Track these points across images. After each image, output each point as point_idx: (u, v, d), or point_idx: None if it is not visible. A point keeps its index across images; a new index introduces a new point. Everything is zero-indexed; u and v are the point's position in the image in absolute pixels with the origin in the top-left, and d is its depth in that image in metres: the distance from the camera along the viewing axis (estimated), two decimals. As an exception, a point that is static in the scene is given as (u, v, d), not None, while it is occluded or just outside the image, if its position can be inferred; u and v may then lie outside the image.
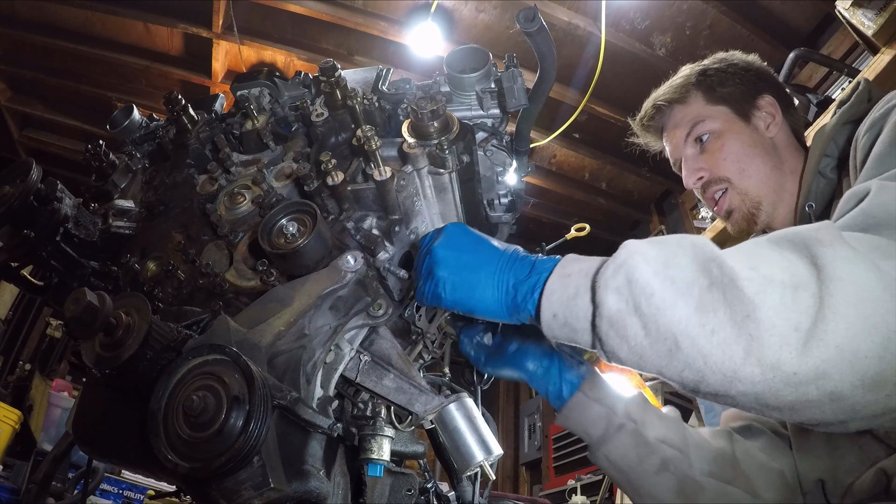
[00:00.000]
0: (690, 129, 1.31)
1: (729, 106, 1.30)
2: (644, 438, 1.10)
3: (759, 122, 1.28)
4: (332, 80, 1.09)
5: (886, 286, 0.63)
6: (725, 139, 1.27)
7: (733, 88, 1.30)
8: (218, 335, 0.81)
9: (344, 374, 0.97)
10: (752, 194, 1.24)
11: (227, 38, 4.19)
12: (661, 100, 1.37)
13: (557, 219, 5.53)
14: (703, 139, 1.29)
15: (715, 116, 1.29)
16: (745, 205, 1.26)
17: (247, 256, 1.01)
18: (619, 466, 1.11)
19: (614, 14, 3.81)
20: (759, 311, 0.64)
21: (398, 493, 1.00)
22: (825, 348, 0.61)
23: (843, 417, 0.65)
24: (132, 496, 3.45)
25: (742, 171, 1.25)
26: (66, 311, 0.74)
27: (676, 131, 1.35)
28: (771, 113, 1.29)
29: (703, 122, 1.29)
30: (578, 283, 0.79)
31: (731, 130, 1.27)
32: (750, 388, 0.65)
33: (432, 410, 0.91)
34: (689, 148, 1.32)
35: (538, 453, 6.44)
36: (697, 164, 1.30)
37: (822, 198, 1.14)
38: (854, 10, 2.35)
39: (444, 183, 1.08)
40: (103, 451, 0.97)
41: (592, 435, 1.12)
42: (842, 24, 2.65)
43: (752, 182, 1.24)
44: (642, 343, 0.70)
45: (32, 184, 1.06)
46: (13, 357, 5.14)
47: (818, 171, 1.13)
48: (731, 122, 1.28)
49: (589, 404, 1.11)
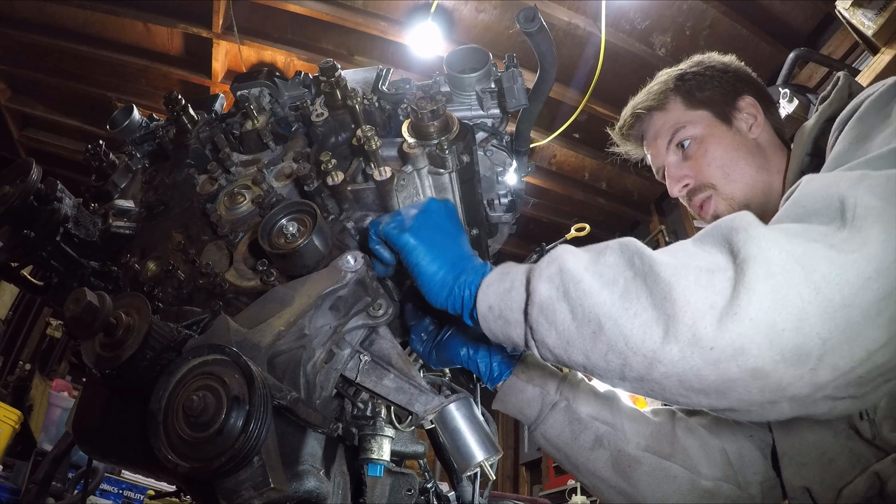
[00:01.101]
0: (672, 136, 1.29)
1: (709, 110, 1.28)
2: (577, 415, 1.12)
3: (740, 123, 1.26)
4: (332, 80, 1.09)
5: (797, 260, 0.64)
6: (708, 144, 1.25)
7: (712, 91, 1.28)
8: (218, 335, 0.81)
9: (344, 374, 0.97)
10: (739, 198, 1.22)
11: (227, 38, 4.20)
12: (640, 108, 1.35)
13: (557, 219, 5.53)
14: (685, 145, 1.27)
15: (696, 121, 1.27)
16: (731, 210, 1.23)
17: (247, 256, 1.01)
18: (555, 444, 1.14)
19: (614, 14, 3.81)
20: (675, 291, 0.66)
21: (398, 493, 1.00)
22: (739, 322, 0.62)
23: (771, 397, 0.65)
24: (132, 496, 3.45)
25: (727, 176, 1.23)
26: (66, 311, 0.74)
27: (657, 140, 1.33)
28: (752, 114, 1.27)
29: (683, 129, 1.27)
30: (515, 278, 0.82)
31: (713, 135, 1.25)
32: (671, 368, 0.66)
33: (432, 410, 0.91)
34: (671, 155, 1.30)
35: (538, 453, 6.44)
36: (681, 171, 1.28)
37: None
38: (854, 10, 2.35)
39: (444, 183, 1.08)
40: (103, 451, 0.97)
41: (528, 416, 1.14)
42: (842, 24, 2.66)
43: (738, 186, 1.22)
44: (569, 328, 0.73)
45: (32, 184, 1.06)
46: (13, 357, 5.15)
47: (801, 170, 1.12)
48: (712, 126, 1.26)
49: (522, 386, 1.13)
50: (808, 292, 0.62)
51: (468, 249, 0.93)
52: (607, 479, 1.12)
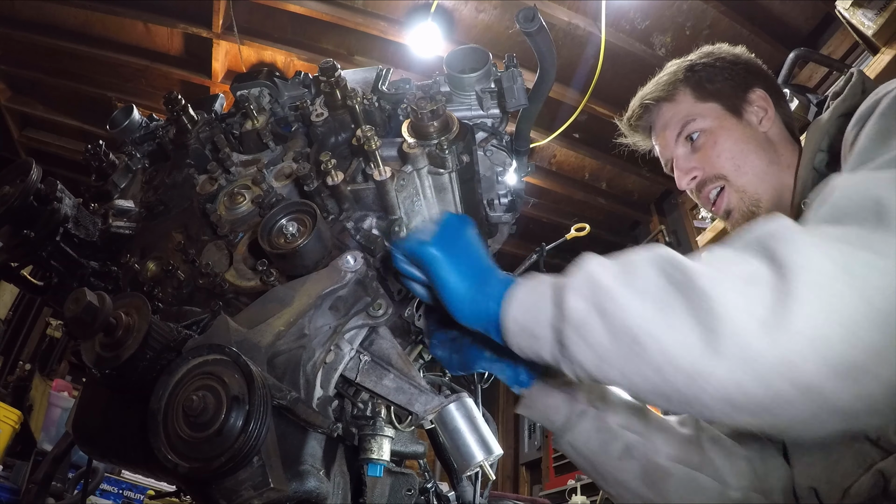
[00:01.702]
0: (681, 128, 1.28)
1: (719, 102, 1.26)
2: (606, 424, 1.09)
3: (751, 116, 1.25)
4: (332, 80, 1.09)
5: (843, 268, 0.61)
6: (718, 136, 1.24)
7: (723, 84, 1.27)
8: (218, 335, 0.81)
9: (344, 374, 0.97)
10: (751, 191, 1.21)
11: (227, 38, 4.19)
12: (649, 98, 1.33)
13: (557, 219, 5.53)
14: (694, 137, 1.26)
15: (705, 114, 1.26)
16: (743, 203, 1.22)
17: (247, 256, 1.01)
18: (583, 453, 1.11)
19: (614, 14, 3.81)
20: (716, 303, 0.63)
21: (398, 493, 1.00)
22: (788, 335, 0.59)
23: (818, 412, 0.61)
24: (132, 496, 3.45)
25: (738, 168, 1.21)
26: (66, 311, 0.74)
27: (666, 131, 1.31)
28: (763, 107, 1.26)
29: (693, 121, 1.26)
30: (542, 291, 0.79)
31: (723, 127, 1.24)
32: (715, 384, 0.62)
33: (432, 410, 0.91)
34: (680, 147, 1.29)
35: (538, 453, 6.44)
36: (690, 163, 1.27)
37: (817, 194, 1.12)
38: (854, 10, 2.35)
39: (443, 183, 1.08)
40: (103, 451, 0.97)
41: (555, 422, 1.12)
42: (842, 24, 2.66)
43: (749, 178, 1.21)
44: (604, 344, 0.70)
45: (32, 184, 1.06)
46: (13, 357, 5.14)
47: (813, 166, 1.11)
48: (722, 118, 1.25)
49: (549, 391, 1.10)
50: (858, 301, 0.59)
51: (491, 262, 0.90)
52: (636, 489, 1.09)
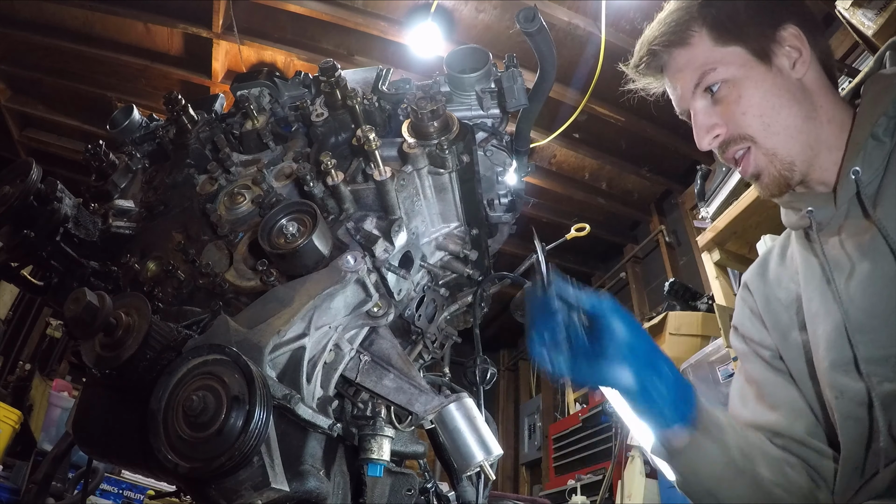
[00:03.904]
0: (699, 78, 1.06)
1: (743, 45, 1.04)
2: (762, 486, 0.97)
3: (782, 60, 1.03)
4: (332, 80, 1.09)
5: None
6: (743, 88, 1.03)
7: (747, 21, 1.05)
8: (218, 335, 0.81)
9: (344, 374, 0.97)
10: (782, 154, 1.02)
11: (227, 38, 4.19)
12: (657, 43, 1.12)
13: (557, 219, 5.53)
14: (714, 89, 1.05)
15: (727, 61, 1.04)
16: (773, 167, 1.03)
17: (247, 256, 1.01)
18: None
19: (614, 14, 3.81)
20: None
21: (398, 493, 1.00)
22: None
23: None
24: (132, 496, 3.45)
25: (767, 127, 1.01)
26: (66, 311, 0.74)
27: (681, 80, 1.10)
28: (796, 47, 1.03)
29: (714, 71, 1.05)
30: None
31: (750, 77, 1.03)
32: None
33: (432, 410, 0.91)
34: (698, 100, 1.08)
35: (538, 453, 6.44)
36: (711, 119, 1.06)
37: (872, 164, 0.96)
38: (854, 10, 2.35)
39: (444, 183, 1.08)
40: (103, 451, 0.97)
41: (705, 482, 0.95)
42: (842, 24, 2.65)
43: (781, 139, 1.02)
44: None
45: (32, 184, 1.06)
46: (13, 357, 5.14)
47: (871, 133, 0.96)
48: (748, 66, 1.04)
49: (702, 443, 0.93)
50: None
51: None
52: None
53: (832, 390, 0.99)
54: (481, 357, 1.12)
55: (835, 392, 0.98)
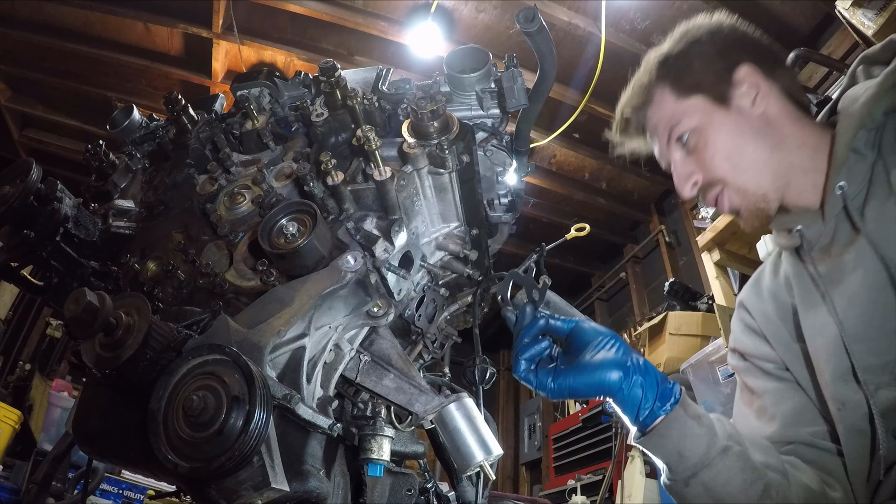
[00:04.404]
0: (669, 132, 1.14)
1: (703, 94, 1.10)
2: (751, 462, 0.97)
3: (742, 101, 1.08)
4: (332, 80, 1.09)
5: None
6: (708, 134, 1.09)
7: (701, 71, 1.11)
8: (218, 335, 0.81)
9: (344, 374, 0.97)
10: (753, 188, 1.08)
11: (227, 38, 4.20)
12: (628, 107, 1.22)
13: (557, 219, 5.53)
14: (685, 139, 1.12)
15: (690, 112, 1.10)
16: (748, 201, 1.09)
17: (247, 256, 1.01)
18: (718, 494, 0.96)
19: (614, 14, 3.81)
20: None
21: (398, 493, 1.00)
22: None
23: None
24: (132, 496, 3.45)
25: (735, 167, 1.07)
26: (66, 311, 0.74)
27: (655, 134, 1.19)
28: (753, 84, 1.09)
29: (678, 124, 1.12)
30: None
31: (712, 123, 1.09)
32: None
33: (432, 410, 0.91)
34: (674, 152, 1.15)
35: (538, 453, 6.44)
36: (687, 168, 1.13)
37: (856, 178, 0.99)
38: (854, 10, 2.35)
39: (444, 183, 1.08)
40: (103, 451, 0.97)
41: (690, 458, 0.96)
42: (842, 24, 2.66)
43: (750, 175, 1.07)
44: None
45: (32, 184, 1.06)
46: (13, 357, 5.15)
47: (852, 147, 0.99)
48: (709, 112, 1.09)
49: (687, 422, 0.96)
50: None
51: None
52: None
53: (835, 402, 1.01)
54: (481, 357, 1.12)
55: (837, 404, 1.00)
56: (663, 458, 0.99)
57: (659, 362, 3.48)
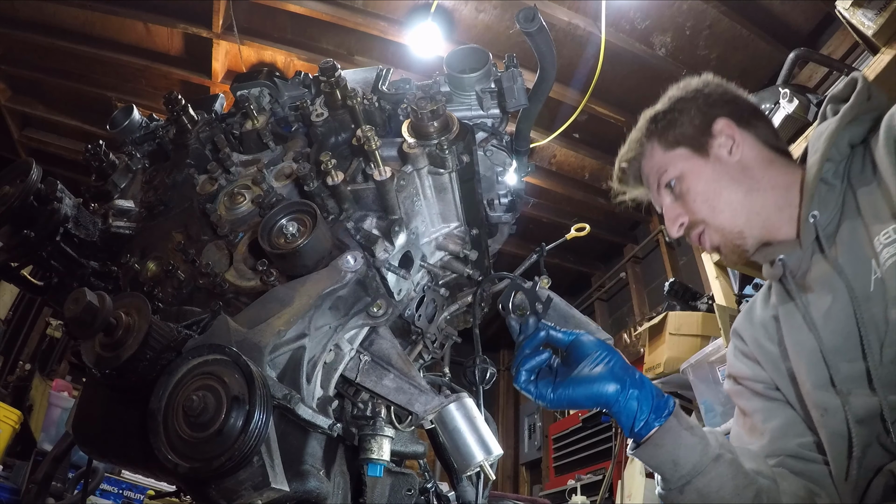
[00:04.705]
0: (658, 180, 1.30)
1: (685, 145, 1.26)
2: (743, 469, 1.04)
3: (719, 150, 1.23)
4: (332, 80, 1.09)
5: None
6: (690, 181, 1.24)
7: (683, 127, 1.27)
8: (218, 335, 0.81)
9: (344, 374, 0.97)
10: (729, 227, 1.21)
11: (227, 38, 4.20)
12: (624, 160, 1.38)
13: (557, 219, 5.53)
14: (672, 185, 1.27)
15: (675, 162, 1.26)
16: (726, 239, 1.23)
17: (247, 256, 1.01)
18: (712, 500, 1.02)
19: (614, 14, 3.81)
20: None
21: (398, 493, 1.00)
22: None
23: None
24: (132, 496, 3.45)
25: (713, 209, 1.22)
26: (66, 311, 0.74)
27: (648, 182, 1.35)
28: (729, 135, 1.23)
29: (665, 172, 1.27)
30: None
31: (693, 171, 1.24)
32: None
33: (432, 410, 0.91)
34: (664, 197, 1.30)
35: (538, 453, 6.45)
36: (674, 211, 1.28)
37: (828, 206, 1.11)
38: (854, 10, 2.35)
39: (444, 183, 1.08)
40: (103, 451, 0.97)
41: (684, 466, 1.01)
42: (842, 24, 2.65)
43: (727, 216, 1.21)
44: None
45: (32, 184, 1.06)
46: (13, 357, 5.15)
47: (821, 178, 1.10)
48: (691, 161, 1.25)
49: (681, 432, 1.02)
50: None
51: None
52: None
53: (817, 409, 1.09)
54: (481, 357, 1.12)
55: (820, 410, 1.08)
56: (658, 467, 1.04)
57: (659, 362, 3.48)
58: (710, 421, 2.93)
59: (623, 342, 4.99)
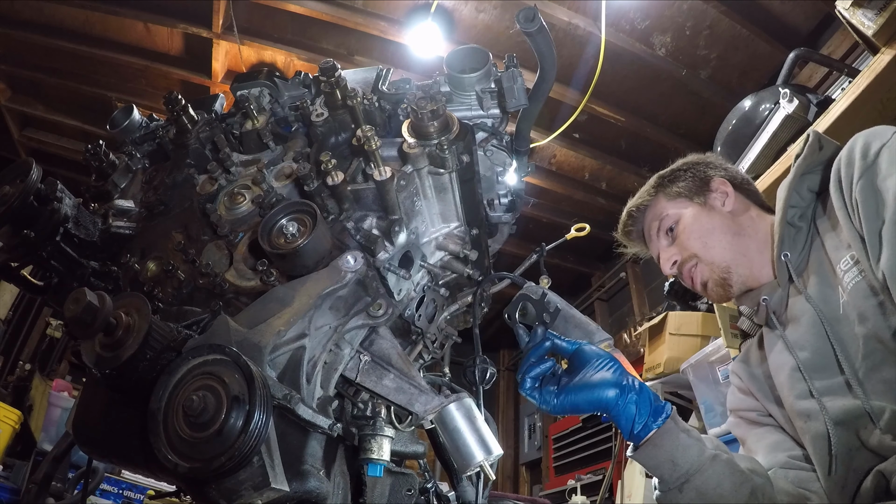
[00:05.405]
0: (659, 223, 1.48)
1: (686, 196, 1.46)
2: (738, 468, 1.09)
3: (714, 202, 1.43)
4: (332, 80, 1.09)
5: None
6: (686, 223, 1.42)
7: (686, 182, 1.48)
8: (218, 335, 0.81)
9: (344, 374, 0.97)
10: (718, 261, 1.37)
11: (227, 38, 4.19)
12: (633, 206, 1.58)
13: (557, 219, 5.53)
14: (672, 230, 1.45)
15: (676, 209, 1.46)
16: (714, 273, 1.38)
17: (247, 256, 1.01)
18: (710, 498, 1.06)
19: (614, 14, 3.81)
20: None
21: (398, 493, 1.00)
22: None
23: None
24: (132, 496, 3.45)
25: (705, 245, 1.38)
26: (66, 311, 0.74)
27: (650, 230, 1.52)
28: (724, 191, 1.43)
29: (667, 216, 1.46)
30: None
31: (691, 214, 1.43)
32: None
33: (432, 410, 0.91)
34: (662, 240, 1.48)
35: (538, 453, 6.45)
36: (669, 252, 1.45)
37: (796, 246, 1.27)
38: (854, 10, 2.35)
39: (444, 183, 1.08)
40: (103, 451, 0.97)
41: (682, 465, 1.07)
42: (842, 24, 2.65)
43: (717, 251, 1.37)
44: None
45: (32, 184, 1.06)
46: (13, 357, 5.15)
47: (787, 221, 1.26)
48: (689, 207, 1.44)
49: (679, 433, 1.08)
50: None
51: None
52: None
53: (800, 417, 1.19)
54: (481, 357, 1.12)
55: (803, 417, 1.18)
56: (657, 468, 1.10)
57: (659, 362, 3.48)
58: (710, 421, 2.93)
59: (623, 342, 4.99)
